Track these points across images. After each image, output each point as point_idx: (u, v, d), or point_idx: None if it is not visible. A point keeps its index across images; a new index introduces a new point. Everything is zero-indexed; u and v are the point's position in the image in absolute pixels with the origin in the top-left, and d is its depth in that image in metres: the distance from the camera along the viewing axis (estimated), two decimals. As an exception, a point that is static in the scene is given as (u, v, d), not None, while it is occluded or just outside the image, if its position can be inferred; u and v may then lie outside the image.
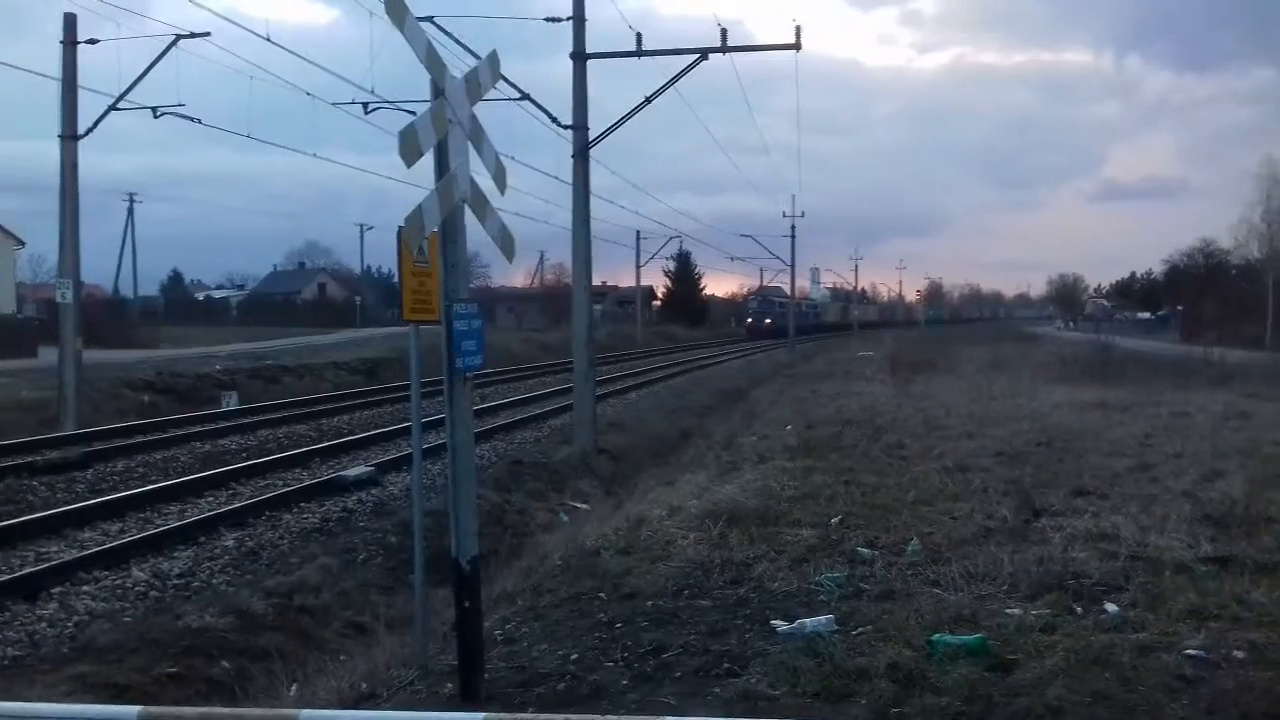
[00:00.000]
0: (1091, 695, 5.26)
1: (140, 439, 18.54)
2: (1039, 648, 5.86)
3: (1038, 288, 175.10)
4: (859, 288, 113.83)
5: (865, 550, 8.28)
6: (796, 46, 19.08)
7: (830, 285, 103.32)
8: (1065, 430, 16.00)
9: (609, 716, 4.22)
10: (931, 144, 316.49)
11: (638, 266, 70.43)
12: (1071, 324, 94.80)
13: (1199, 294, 63.04)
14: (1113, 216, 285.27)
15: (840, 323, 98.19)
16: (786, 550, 8.35)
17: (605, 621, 6.80)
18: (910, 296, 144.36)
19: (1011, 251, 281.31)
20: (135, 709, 2.49)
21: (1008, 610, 6.60)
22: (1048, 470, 12.08)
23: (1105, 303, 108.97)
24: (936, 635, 5.99)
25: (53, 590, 9.38)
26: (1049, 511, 9.56)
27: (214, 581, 10.08)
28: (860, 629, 6.32)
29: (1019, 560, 7.68)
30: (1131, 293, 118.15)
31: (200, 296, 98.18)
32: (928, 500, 10.27)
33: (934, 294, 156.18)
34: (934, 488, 10.91)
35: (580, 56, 18.74)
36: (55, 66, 20.31)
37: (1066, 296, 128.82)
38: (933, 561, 7.86)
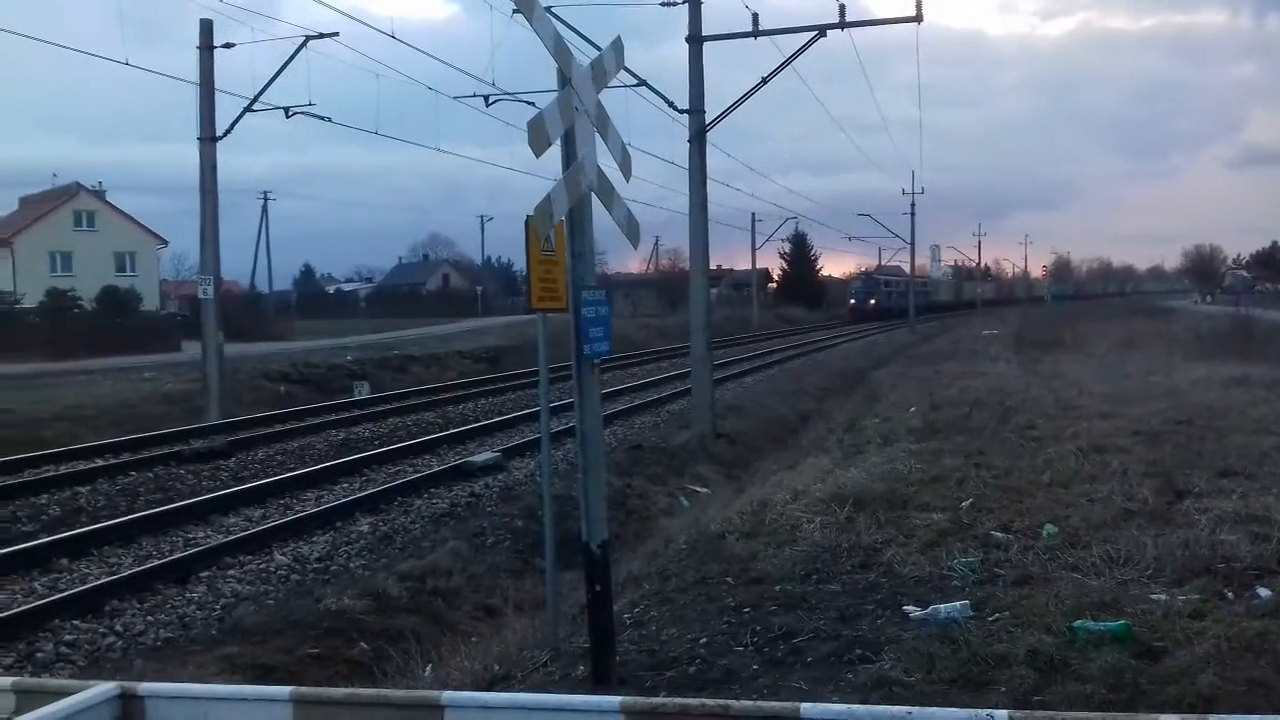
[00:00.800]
0: (1246, 683, 5.02)
1: (278, 428, 19.32)
2: (1188, 634, 5.62)
3: (1172, 260, 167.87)
4: (982, 264, 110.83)
5: (999, 534, 8.06)
6: (918, 19, 18.57)
7: (952, 263, 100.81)
8: (1206, 408, 15.28)
9: (742, 700, 4.21)
10: (1058, 114, 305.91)
11: (753, 249, 69.98)
12: (1210, 297, 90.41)
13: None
14: (1253, 182, 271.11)
15: (954, 301, 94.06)
16: (916, 534, 8.19)
17: (733, 606, 6.79)
18: (1036, 272, 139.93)
19: (1144, 223, 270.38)
20: (287, 689, 2.59)
21: (1152, 595, 6.34)
22: (1189, 450, 11.54)
23: (1245, 274, 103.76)
24: (1078, 621, 5.80)
25: (201, 574, 9.86)
26: (1193, 493, 9.15)
27: (351, 565, 10.44)
28: (997, 615, 6.16)
29: (1163, 544, 7.37)
30: (1274, 263, 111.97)
31: (331, 290, 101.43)
32: (1063, 482, 9.94)
33: (1061, 269, 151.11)
34: (1069, 469, 10.54)
35: (696, 39, 18.66)
36: (193, 71, 21.24)
37: (1203, 268, 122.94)
38: (1070, 545, 7.60)
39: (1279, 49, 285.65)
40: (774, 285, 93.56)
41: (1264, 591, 6.37)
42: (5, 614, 8.50)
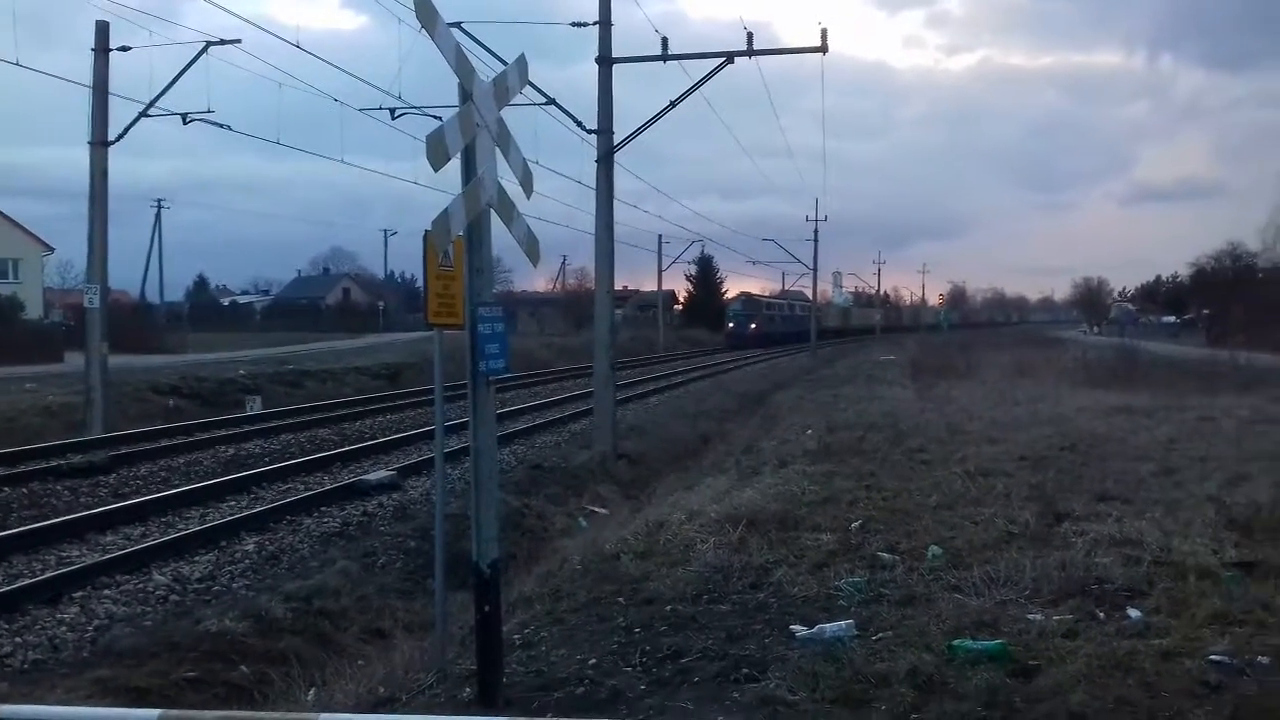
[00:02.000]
0: (1114, 701, 5.20)
1: (164, 443, 18.69)
2: (1061, 653, 5.80)
3: (1062, 291, 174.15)
4: (881, 292, 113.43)
5: (886, 555, 8.23)
6: (823, 49, 19.03)
7: (852, 289, 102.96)
8: (1089, 435, 15.86)
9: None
10: (959, 146, 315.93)
11: (659, 270, 70.61)
12: (1097, 328, 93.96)
13: (1225, 297, 62.41)
14: (1143, 219, 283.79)
15: (843, 327, 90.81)
16: (806, 555, 8.30)
17: (624, 626, 6.79)
18: (933, 300, 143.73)
19: (1039, 255, 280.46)
20: (155, 712, 2.50)
21: (1029, 616, 6.53)
22: (1071, 475, 11.96)
23: (1130, 306, 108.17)
24: (957, 640, 5.94)
25: (74, 594, 9.45)
26: (1072, 516, 9.46)
27: (234, 585, 10.13)
28: (880, 634, 6.27)
29: (1041, 565, 7.60)
30: (1157, 296, 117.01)
31: (226, 302, 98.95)
32: (950, 505, 10.20)
33: (957, 298, 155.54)
34: (956, 492, 10.83)
35: (605, 61, 18.77)
36: (87, 74, 20.55)
37: (1090, 300, 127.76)
38: (954, 566, 7.79)
39: (1170, 90, 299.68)
40: (680, 307, 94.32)
41: (1134, 612, 6.62)
42: None
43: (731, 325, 72.69)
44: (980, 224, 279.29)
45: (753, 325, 71.41)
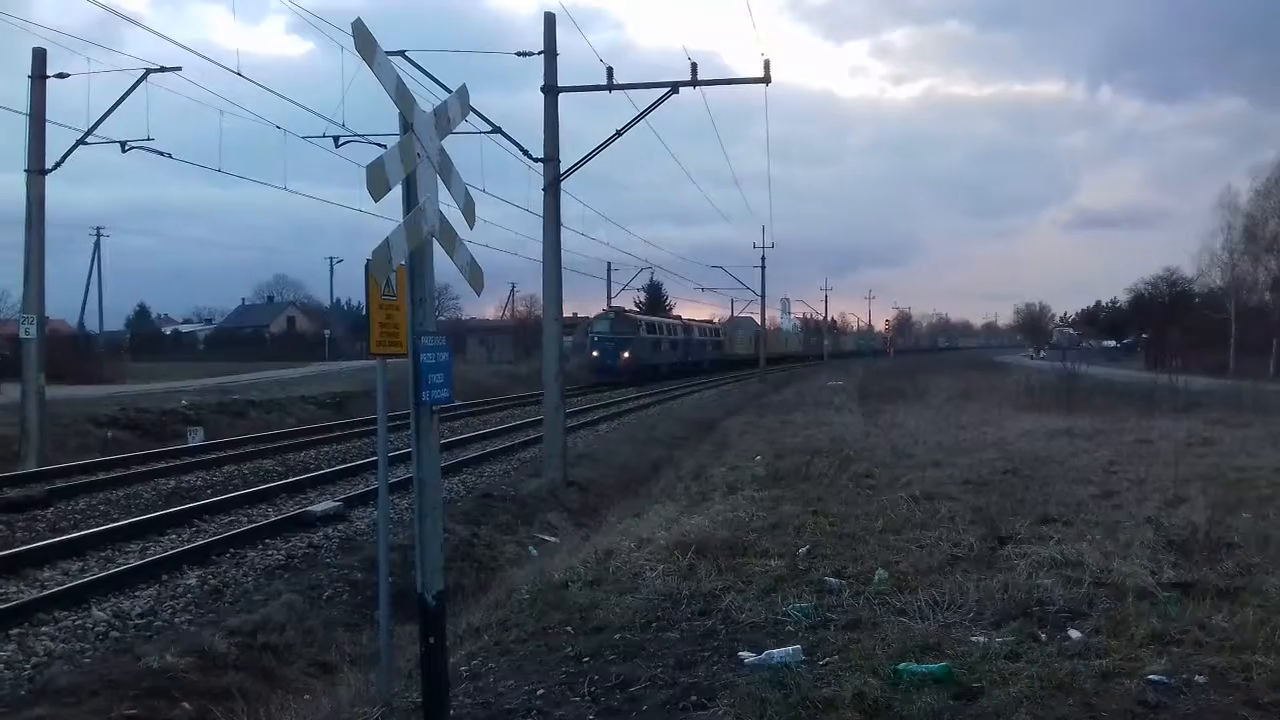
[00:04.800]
0: (1056, 722, 5.29)
1: (103, 476, 18.29)
2: (1003, 675, 5.88)
3: (1005, 317, 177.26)
4: (829, 318, 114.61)
5: (833, 580, 8.29)
6: (766, 80, 19.28)
7: (801, 315, 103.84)
8: (1031, 458, 16.14)
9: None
10: (905, 174, 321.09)
11: (609, 297, 70.57)
12: (1042, 353, 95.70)
13: (1163, 322, 63.95)
14: (1085, 245, 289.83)
15: (750, 356, 76.13)
16: (755, 581, 8.34)
17: (572, 655, 6.77)
18: (879, 326, 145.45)
19: (983, 281, 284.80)
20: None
21: (973, 638, 6.63)
22: (1014, 498, 12.16)
23: (1071, 331, 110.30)
24: (902, 664, 6.01)
25: (10, 631, 9.20)
26: (1014, 539, 9.62)
27: (176, 621, 9.93)
28: (827, 659, 6.32)
29: (984, 588, 7.72)
30: (1097, 321, 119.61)
31: (167, 331, 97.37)
32: (895, 529, 10.31)
33: (902, 323, 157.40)
34: (901, 516, 10.96)
35: (551, 90, 18.87)
36: (24, 101, 20.24)
37: (1033, 325, 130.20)
38: (899, 590, 7.88)
39: (1108, 120, 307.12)
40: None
41: (1074, 633, 6.74)
42: None
43: (596, 354, 53.33)
44: (926, 250, 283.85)
45: (625, 355, 52.85)
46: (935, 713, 5.35)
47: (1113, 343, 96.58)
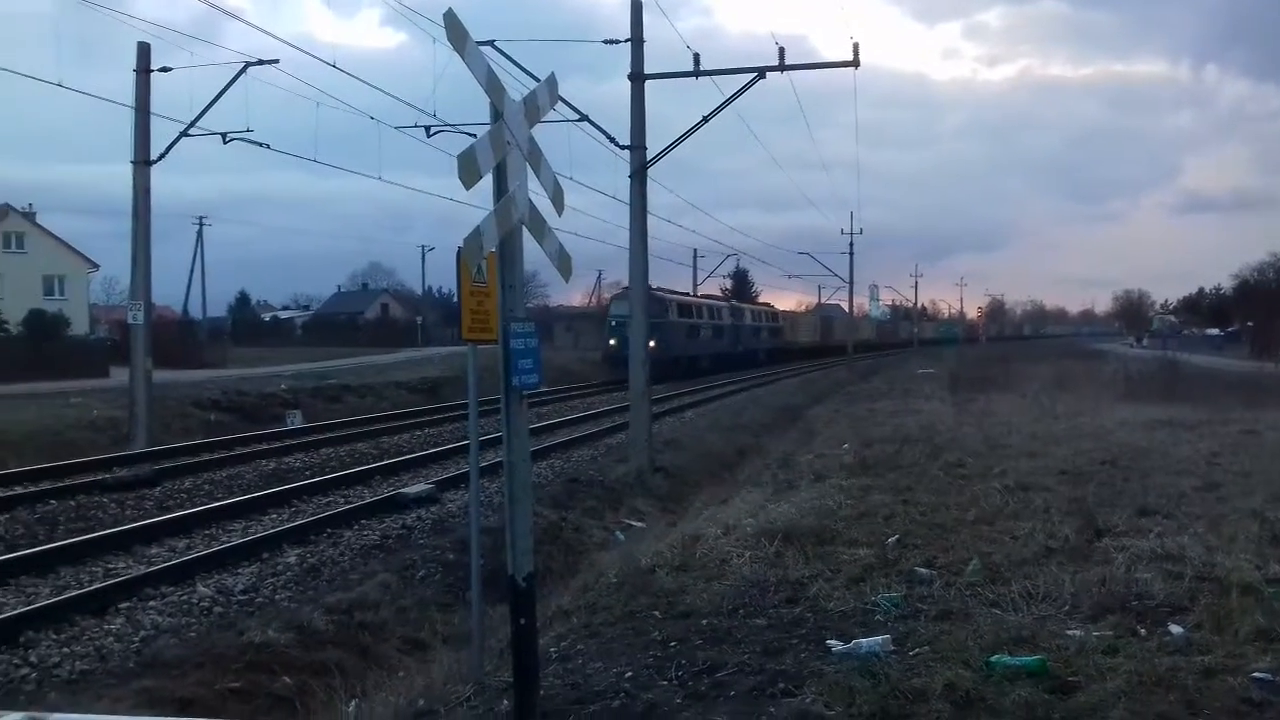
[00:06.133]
0: (1155, 718, 5.16)
1: (207, 457, 18.96)
2: (1101, 670, 5.75)
3: (1103, 304, 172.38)
4: (919, 304, 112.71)
5: (923, 570, 8.19)
6: (855, 64, 19.02)
7: (890, 302, 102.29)
8: (1130, 449, 15.68)
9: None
10: (999, 157, 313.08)
11: (694, 284, 70.45)
12: (1144, 341, 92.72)
13: (1269, 309, 61.46)
14: (1188, 230, 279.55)
15: (815, 344, 74.86)
16: (843, 569, 8.29)
17: (660, 640, 6.81)
18: (971, 313, 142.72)
19: (1080, 267, 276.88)
20: (199, 720, 2.56)
21: (1069, 631, 6.49)
22: (1112, 489, 11.84)
23: (1172, 319, 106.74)
24: (995, 656, 5.91)
25: (121, 605, 9.61)
26: (1112, 531, 9.37)
27: (276, 597, 10.26)
28: (917, 649, 6.25)
29: (1081, 581, 7.55)
30: (1200, 309, 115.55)
31: (267, 317, 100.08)
32: (988, 520, 10.14)
33: (995, 310, 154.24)
34: (994, 507, 10.76)
35: (638, 78, 18.88)
36: (130, 94, 20.96)
37: (1132, 313, 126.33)
38: (992, 582, 7.75)
39: (1213, 100, 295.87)
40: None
41: (1175, 628, 6.55)
42: (-88, 645, 8.23)
43: (613, 343, 42.18)
44: (1021, 235, 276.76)
45: (651, 343, 37.17)
46: (1030, 706, 5.26)
47: (1216, 331, 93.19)
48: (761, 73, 18.70)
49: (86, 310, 62.47)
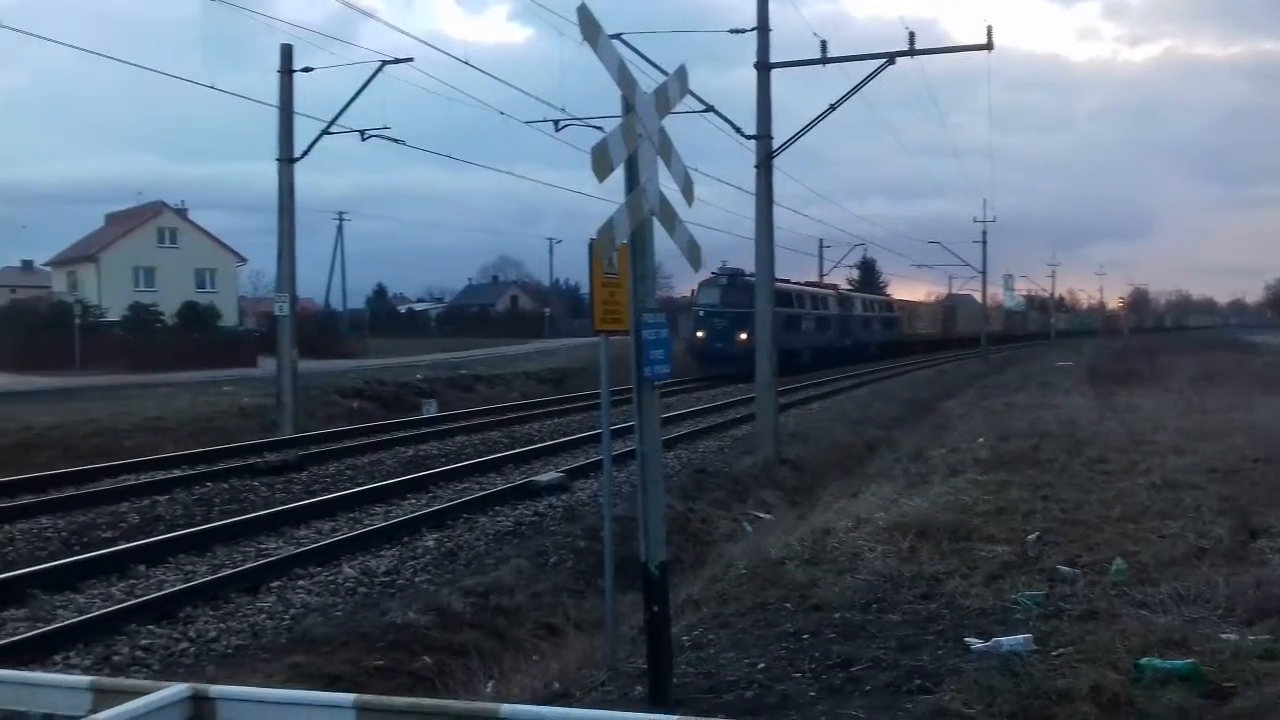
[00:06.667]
0: (1318, 729, 4.90)
1: (349, 443, 19.69)
2: (1258, 675, 5.49)
3: (1255, 294, 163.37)
4: (1056, 295, 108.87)
5: (1066, 569, 7.94)
6: (988, 47, 18.51)
7: (1024, 293, 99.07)
8: (1288, 446, 14.83)
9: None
10: (1140, 140, 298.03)
11: (820, 275, 69.52)
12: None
13: None
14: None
15: (936, 337, 71.97)
16: (980, 566, 8.10)
17: (791, 632, 6.79)
18: (1112, 303, 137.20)
19: (1229, 255, 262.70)
20: (351, 696, 2.68)
21: (1223, 635, 6.21)
22: (1267, 488, 11.24)
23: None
24: (1144, 659, 5.70)
25: (272, 584, 10.08)
26: (1269, 532, 8.91)
27: (416, 580, 10.60)
28: (1060, 650, 6.07)
29: (1235, 583, 7.21)
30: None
31: (402, 309, 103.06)
32: (1133, 518, 9.76)
33: (1138, 302, 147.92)
34: (1140, 505, 10.35)
35: (764, 66, 18.74)
36: (274, 94, 21.89)
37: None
38: (1139, 582, 7.47)
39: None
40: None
41: (1340, 634, 6.20)
42: (84, 617, 8.80)
43: (701, 335, 39.88)
44: (1164, 222, 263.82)
45: (741, 335, 35.55)
46: (1183, 711, 5.06)
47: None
48: (891, 58, 18.34)
49: (235, 302, 65.51)
